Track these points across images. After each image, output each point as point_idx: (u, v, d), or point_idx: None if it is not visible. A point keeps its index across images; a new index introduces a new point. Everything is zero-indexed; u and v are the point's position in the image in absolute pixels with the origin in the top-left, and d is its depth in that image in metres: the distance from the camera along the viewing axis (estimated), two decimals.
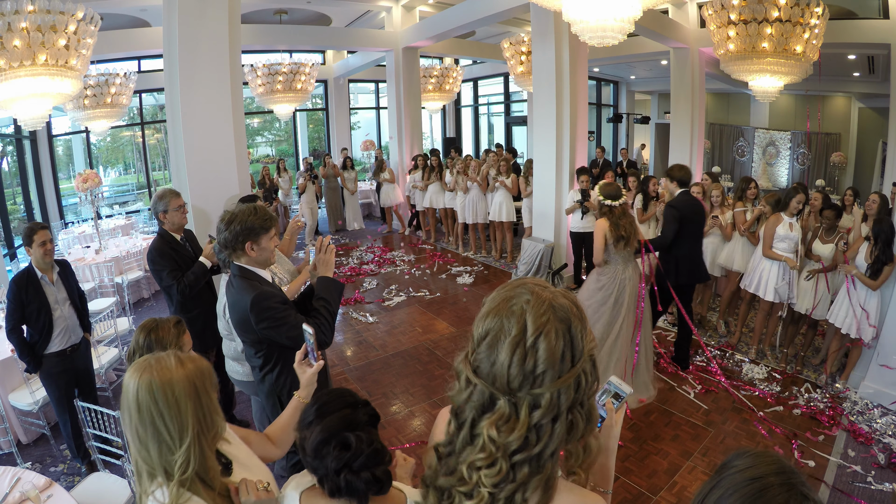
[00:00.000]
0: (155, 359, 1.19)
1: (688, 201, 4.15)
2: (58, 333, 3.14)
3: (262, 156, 13.21)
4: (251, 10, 8.37)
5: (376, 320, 5.66)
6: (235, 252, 2.11)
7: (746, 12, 5.05)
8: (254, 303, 2.00)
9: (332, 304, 2.12)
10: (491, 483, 0.86)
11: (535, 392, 0.84)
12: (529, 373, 0.84)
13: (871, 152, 10.65)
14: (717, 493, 0.80)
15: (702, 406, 3.84)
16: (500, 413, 0.86)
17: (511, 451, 0.85)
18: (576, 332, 0.86)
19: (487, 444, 0.86)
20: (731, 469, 0.81)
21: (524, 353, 0.84)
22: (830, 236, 4.15)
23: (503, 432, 0.85)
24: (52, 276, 3.18)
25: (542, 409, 0.84)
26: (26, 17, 3.73)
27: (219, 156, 3.93)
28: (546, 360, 0.83)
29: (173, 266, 3.19)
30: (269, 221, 2.11)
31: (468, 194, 7.81)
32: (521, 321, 0.85)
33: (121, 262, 6.22)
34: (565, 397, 0.84)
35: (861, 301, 3.83)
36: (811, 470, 3.14)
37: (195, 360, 1.22)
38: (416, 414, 3.86)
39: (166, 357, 1.20)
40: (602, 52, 7.62)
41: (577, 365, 0.85)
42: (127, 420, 1.15)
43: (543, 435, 0.85)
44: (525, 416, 0.84)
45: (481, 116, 15.27)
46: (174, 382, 1.14)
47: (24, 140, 8.82)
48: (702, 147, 8.71)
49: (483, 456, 0.86)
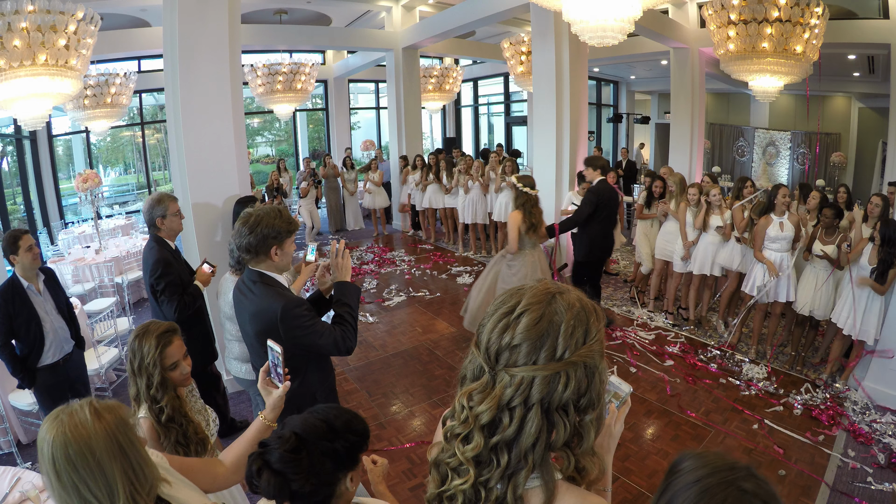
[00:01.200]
0: (67, 413, 1.04)
1: (605, 188, 4.78)
2: (49, 345, 3.00)
3: (262, 156, 13.21)
4: (251, 10, 8.37)
5: (376, 320, 5.66)
6: (258, 256, 2.01)
7: (746, 12, 5.05)
8: (285, 311, 1.92)
9: (354, 309, 2.09)
10: (471, 456, 0.89)
11: (511, 371, 0.87)
12: (506, 344, 0.87)
13: (871, 152, 10.65)
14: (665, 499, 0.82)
15: (702, 406, 3.85)
16: (481, 382, 0.90)
17: (482, 423, 0.88)
18: (566, 329, 0.86)
19: (459, 413, 0.91)
20: (675, 474, 0.83)
21: (507, 324, 0.88)
22: (831, 236, 4.14)
23: (475, 400, 0.89)
24: (39, 286, 3.01)
25: (512, 388, 0.86)
26: (26, 17, 3.73)
27: (219, 156, 3.92)
28: (522, 333, 0.86)
29: (177, 280, 3.00)
30: (294, 225, 2.06)
31: (468, 194, 7.82)
32: (518, 298, 0.90)
33: (121, 262, 6.22)
34: (538, 389, 0.85)
35: (865, 302, 3.83)
36: (810, 469, 3.15)
37: (114, 409, 1.07)
38: (416, 414, 3.86)
39: (80, 410, 1.04)
40: (602, 52, 7.61)
41: (561, 362, 0.85)
42: (48, 483, 1.01)
43: (515, 419, 0.86)
44: (498, 390, 0.87)
45: (481, 116, 15.27)
46: (92, 441, 1.00)
47: (24, 140, 8.82)
48: (702, 147, 8.71)
49: (457, 423, 0.91)
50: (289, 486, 1.04)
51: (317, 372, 2.14)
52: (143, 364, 1.77)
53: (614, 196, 4.89)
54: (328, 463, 1.08)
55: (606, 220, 4.78)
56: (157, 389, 1.77)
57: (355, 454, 1.13)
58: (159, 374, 1.77)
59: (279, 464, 1.04)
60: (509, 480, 0.88)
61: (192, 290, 3.04)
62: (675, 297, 5.43)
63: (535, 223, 4.30)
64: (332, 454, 1.09)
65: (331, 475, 1.09)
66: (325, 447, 1.09)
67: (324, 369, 2.20)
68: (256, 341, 2.06)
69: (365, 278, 7.10)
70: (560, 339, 0.86)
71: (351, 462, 1.12)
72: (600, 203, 4.68)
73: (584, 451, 0.90)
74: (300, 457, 1.05)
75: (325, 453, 1.08)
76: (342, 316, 2.04)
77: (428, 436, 3.56)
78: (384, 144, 13.08)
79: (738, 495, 0.75)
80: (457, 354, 4.78)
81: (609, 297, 6.21)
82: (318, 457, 1.07)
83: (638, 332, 5.14)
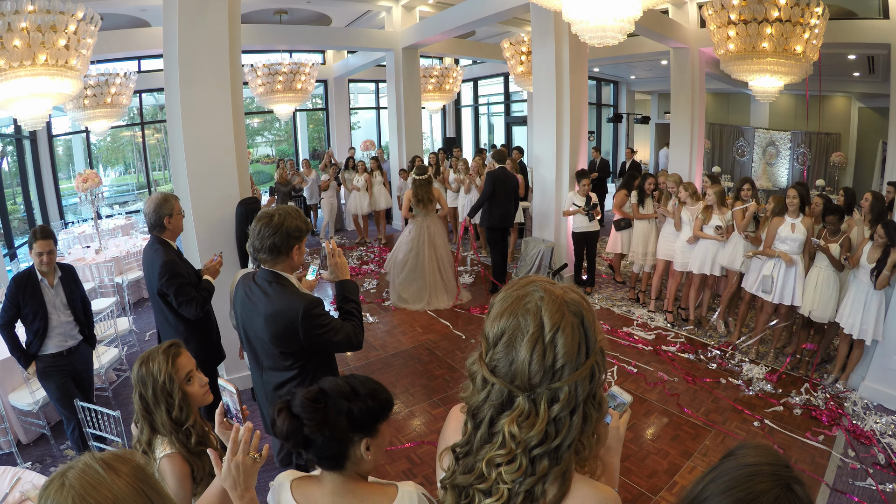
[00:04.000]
0: (75, 475, 0.83)
1: (501, 172, 6.18)
2: (53, 336, 3.10)
3: (262, 156, 13.22)
4: (251, 10, 8.37)
5: (376, 320, 5.66)
6: (279, 256, 2.01)
7: (746, 12, 5.05)
8: (306, 312, 1.93)
9: (359, 305, 2.14)
10: (511, 479, 0.89)
11: (554, 386, 0.87)
12: (549, 368, 0.87)
13: (871, 152, 10.64)
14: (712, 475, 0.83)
15: (702, 406, 3.85)
16: (519, 410, 0.88)
17: (531, 446, 0.88)
18: (588, 325, 0.89)
19: (508, 441, 0.88)
20: (731, 457, 0.85)
21: (543, 349, 0.87)
22: (834, 236, 4.15)
23: (524, 428, 0.88)
24: (53, 280, 3.13)
25: (562, 402, 0.87)
26: (26, 17, 3.72)
27: (219, 156, 3.92)
28: (565, 354, 0.86)
29: (187, 280, 2.92)
30: (309, 224, 2.10)
31: (469, 194, 7.83)
32: (537, 318, 0.88)
33: (121, 262, 6.23)
34: (581, 389, 0.88)
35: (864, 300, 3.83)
36: (810, 469, 3.14)
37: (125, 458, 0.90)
38: (416, 414, 3.86)
39: (88, 468, 0.85)
40: (602, 52, 7.62)
41: (591, 357, 0.89)
42: None
43: (562, 428, 0.88)
44: (545, 411, 0.87)
45: (481, 116, 15.27)
46: (119, 501, 0.83)
47: (24, 140, 8.83)
48: (702, 147, 8.71)
49: (503, 452, 0.89)
50: (302, 431, 1.13)
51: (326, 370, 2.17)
52: (158, 385, 1.60)
53: (509, 178, 6.23)
54: (343, 420, 1.14)
55: (503, 196, 6.15)
56: (181, 409, 1.61)
57: (372, 420, 1.18)
58: (179, 391, 1.62)
59: (298, 408, 1.14)
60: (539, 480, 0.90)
61: (204, 285, 3.02)
62: (675, 296, 5.43)
63: (422, 200, 5.75)
64: (348, 413, 1.15)
65: (344, 433, 1.14)
66: (342, 405, 1.15)
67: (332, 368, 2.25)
68: (272, 344, 2.04)
69: (365, 279, 7.10)
70: (588, 342, 0.89)
71: (367, 426, 1.17)
72: (496, 184, 6.09)
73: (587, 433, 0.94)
74: (318, 406, 1.14)
75: (340, 411, 1.15)
76: (350, 312, 2.09)
77: (428, 436, 3.56)
78: (384, 144, 13.08)
79: (786, 493, 0.77)
80: (457, 354, 4.78)
81: (609, 296, 6.21)
82: (334, 412, 1.14)
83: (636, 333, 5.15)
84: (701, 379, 4.24)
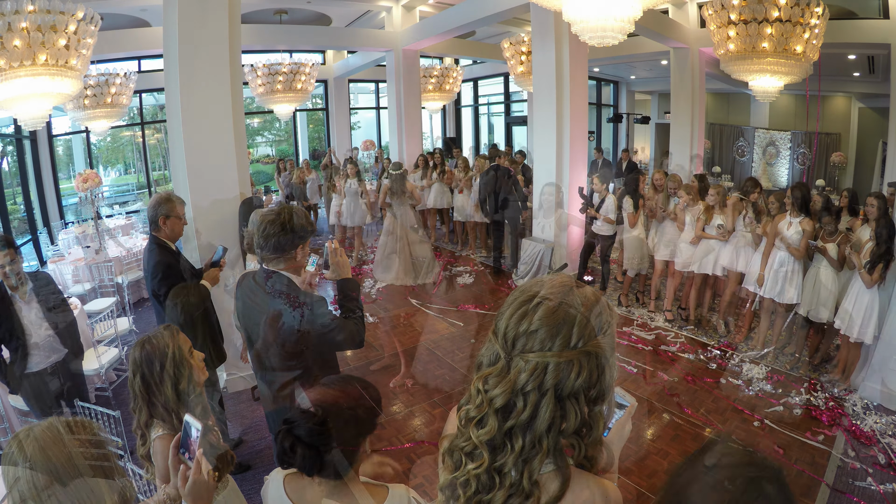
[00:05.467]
0: (41, 430, 1.01)
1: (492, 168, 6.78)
2: (34, 354, 2.87)
3: (262, 156, 13.21)
4: (251, 10, 8.36)
5: (376, 320, 5.66)
6: (284, 256, 2.01)
7: (746, 12, 5.04)
8: (309, 311, 1.95)
9: (360, 303, 2.14)
10: (485, 439, 0.91)
11: (527, 357, 0.89)
12: (523, 333, 0.90)
13: (871, 152, 10.64)
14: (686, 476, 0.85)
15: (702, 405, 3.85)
16: (497, 368, 0.92)
17: (496, 407, 0.90)
18: (582, 320, 0.90)
19: (474, 396, 0.93)
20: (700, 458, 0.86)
21: (525, 312, 0.91)
22: (831, 236, 4.15)
23: (490, 384, 0.92)
24: (25, 294, 2.86)
25: (527, 373, 0.89)
26: (26, 17, 3.72)
27: (219, 156, 3.92)
28: (539, 320, 0.89)
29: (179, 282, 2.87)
30: (314, 225, 2.12)
31: (462, 194, 7.85)
32: (537, 289, 0.94)
33: (121, 262, 6.22)
34: (552, 375, 0.88)
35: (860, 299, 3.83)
36: (810, 469, 3.14)
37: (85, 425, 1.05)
38: (416, 414, 3.86)
39: (51, 426, 1.01)
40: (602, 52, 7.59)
41: (575, 351, 0.89)
42: None
43: (529, 404, 0.89)
44: (513, 375, 0.90)
45: (481, 116, 15.26)
46: (72, 458, 0.97)
47: (24, 140, 8.82)
48: (702, 147, 8.72)
49: (472, 407, 0.93)
50: (321, 458, 1.12)
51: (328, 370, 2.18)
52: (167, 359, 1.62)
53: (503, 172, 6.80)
54: (352, 429, 1.15)
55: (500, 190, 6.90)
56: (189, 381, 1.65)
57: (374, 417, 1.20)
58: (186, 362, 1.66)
59: (309, 437, 1.12)
60: (524, 465, 0.91)
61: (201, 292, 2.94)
62: (674, 296, 5.43)
63: (396, 192, 6.40)
64: (355, 421, 1.15)
65: (354, 440, 1.16)
66: (348, 415, 1.15)
67: (333, 368, 2.25)
68: (274, 343, 2.05)
69: (365, 279, 7.09)
70: (575, 328, 0.89)
71: (371, 426, 1.19)
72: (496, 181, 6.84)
73: (593, 440, 0.94)
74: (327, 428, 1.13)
75: (348, 421, 1.15)
76: (352, 310, 2.09)
77: (428, 436, 3.56)
78: (384, 144, 13.08)
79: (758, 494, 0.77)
80: (457, 354, 4.78)
81: (608, 297, 6.21)
82: (343, 425, 1.14)
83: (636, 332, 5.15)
84: (701, 379, 4.24)
